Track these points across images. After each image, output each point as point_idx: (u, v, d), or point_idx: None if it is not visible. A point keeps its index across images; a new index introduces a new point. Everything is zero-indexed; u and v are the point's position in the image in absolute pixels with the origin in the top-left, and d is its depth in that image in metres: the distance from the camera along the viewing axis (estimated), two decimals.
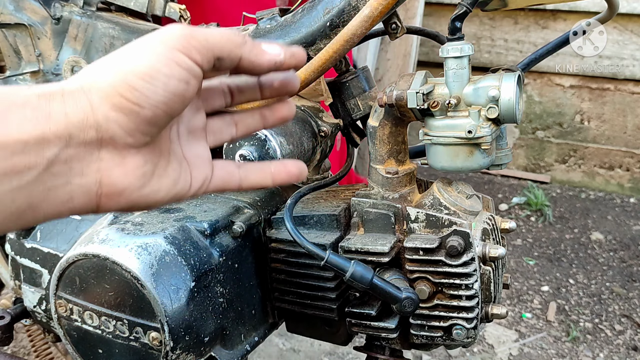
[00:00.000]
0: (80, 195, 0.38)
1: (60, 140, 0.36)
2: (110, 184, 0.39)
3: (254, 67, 0.44)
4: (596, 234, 2.75)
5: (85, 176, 0.38)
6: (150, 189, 0.41)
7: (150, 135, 0.39)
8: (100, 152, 0.38)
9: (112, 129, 0.37)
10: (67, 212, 0.39)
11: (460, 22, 0.62)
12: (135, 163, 0.40)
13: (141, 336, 0.64)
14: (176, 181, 0.43)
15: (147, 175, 0.41)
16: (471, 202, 0.67)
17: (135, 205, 0.41)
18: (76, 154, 0.37)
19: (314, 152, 0.76)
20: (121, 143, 0.38)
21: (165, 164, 0.43)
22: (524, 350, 1.96)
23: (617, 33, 3.02)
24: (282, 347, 1.89)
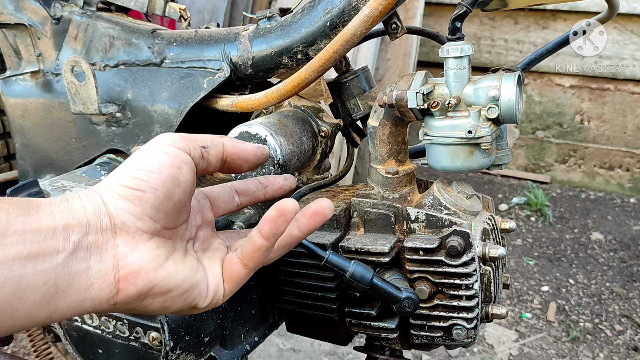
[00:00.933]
0: (99, 280, 0.42)
1: (82, 227, 0.41)
2: (126, 266, 0.43)
3: (241, 154, 0.50)
4: (596, 234, 2.75)
5: (103, 262, 0.42)
6: (166, 271, 0.45)
7: (158, 222, 0.44)
8: (116, 239, 0.43)
9: (121, 215, 0.43)
10: (88, 301, 0.42)
11: (460, 22, 0.62)
12: (149, 246, 0.44)
13: (141, 336, 0.64)
14: (194, 271, 0.47)
15: (162, 257, 0.45)
16: (471, 202, 0.67)
17: (153, 288, 0.44)
18: (95, 241, 0.42)
19: (314, 152, 0.76)
20: (133, 228, 0.43)
21: (181, 257, 0.47)
22: (524, 350, 1.96)
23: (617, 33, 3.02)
24: (282, 347, 1.89)
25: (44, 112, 0.86)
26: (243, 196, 0.57)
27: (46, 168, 0.89)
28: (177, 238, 0.48)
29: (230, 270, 0.49)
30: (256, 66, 0.72)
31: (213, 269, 0.49)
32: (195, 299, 0.47)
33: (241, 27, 0.77)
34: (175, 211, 0.46)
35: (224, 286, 0.49)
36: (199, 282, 0.47)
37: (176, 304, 0.46)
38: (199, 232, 0.52)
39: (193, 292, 0.46)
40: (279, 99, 0.67)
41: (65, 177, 0.79)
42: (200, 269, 0.48)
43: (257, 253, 0.47)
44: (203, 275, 0.48)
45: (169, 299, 0.45)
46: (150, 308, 0.46)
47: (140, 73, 0.78)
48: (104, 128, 0.81)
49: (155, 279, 0.44)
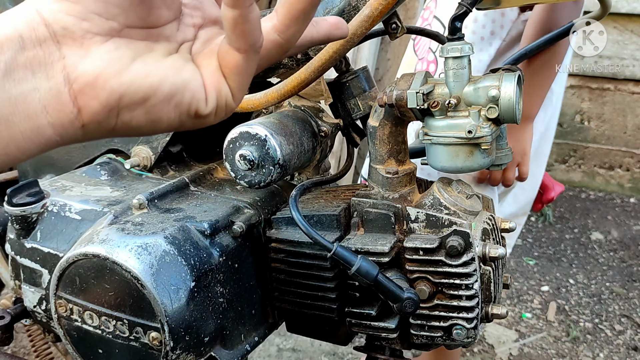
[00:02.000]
0: (52, 100, 0.34)
1: (12, 42, 0.34)
2: (79, 76, 0.35)
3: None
4: (596, 234, 2.75)
5: (51, 78, 0.35)
6: (134, 73, 0.36)
7: (114, 19, 0.35)
8: (61, 50, 0.35)
9: (60, 19, 0.35)
10: (47, 127, 0.35)
11: (460, 22, 0.62)
12: (105, 48, 0.35)
13: (141, 336, 0.64)
14: (177, 69, 0.37)
15: (124, 59, 0.36)
16: (471, 202, 0.67)
17: (123, 97, 0.35)
18: (35, 56, 0.34)
19: (314, 152, 0.76)
20: (78, 32, 0.35)
21: (158, 56, 0.37)
22: (524, 350, 1.96)
23: (617, 33, 3.02)
24: (282, 347, 1.89)
25: None
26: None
27: (46, 168, 0.89)
28: (157, 39, 0.38)
29: (226, 60, 0.38)
30: None
31: (209, 64, 0.39)
32: (192, 104, 0.38)
33: None
34: (137, 3, 0.36)
35: (227, 83, 0.39)
36: (187, 82, 0.37)
37: (167, 114, 0.37)
38: (199, 33, 0.41)
39: (183, 95, 0.37)
40: (279, 99, 0.67)
41: (65, 177, 0.79)
42: (188, 66, 0.38)
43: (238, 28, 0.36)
44: (193, 74, 0.38)
45: (152, 108, 0.36)
46: (135, 124, 0.37)
47: None
48: None
49: (120, 85, 0.35)
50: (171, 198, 0.75)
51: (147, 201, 0.71)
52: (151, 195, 0.72)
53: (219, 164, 0.85)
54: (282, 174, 0.69)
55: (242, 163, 0.68)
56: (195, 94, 0.37)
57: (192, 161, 0.89)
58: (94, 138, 0.38)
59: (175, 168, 0.86)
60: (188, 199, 0.76)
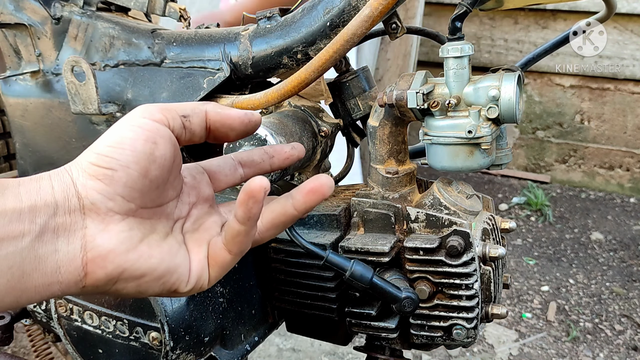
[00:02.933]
0: (66, 263, 0.40)
1: (49, 208, 0.40)
2: (94, 248, 0.41)
3: (225, 121, 0.47)
4: (596, 234, 2.75)
5: (70, 244, 0.40)
6: (138, 254, 0.42)
7: (132, 202, 0.42)
8: (85, 221, 0.41)
9: (91, 195, 0.41)
10: (56, 285, 0.40)
11: (460, 22, 0.62)
12: (119, 228, 0.42)
13: (141, 336, 0.64)
14: (173, 254, 0.44)
15: (134, 240, 0.42)
16: (471, 202, 0.67)
17: (124, 272, 0.42)
18: (63, 223, 0.40)
19: (314, 152, 0.76)
20: (103, 209, 0.41)
21: (159, 239, 0.44)
22: (524, 350, 1.96)
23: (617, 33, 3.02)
24: (282, 347, 1.89)
25: (44, 112, 0.86)
26: (247, 168, 0.53)
27: (46, 168, 0.88)
28: (160, 217, 0.45)
29: (215, 255, 0.46)
30: (256, 66, 0.72)
31: (198, 252, 0.46)
32: (175, 284, 0.44)
33: (241, 27, 0.77)
34: (154, 189, 0.43)
35: (209, 271, 0.46)
36: (178, 266, 0.44)
37: (152, 289, 0.44)
38: (192, 211, 0.49)
39: (171, 276, 0.44)
40: (279, 99, 0.67)
41: None
42: (182, 252, 0.45)
43: (237, 238, 0.45)
44: (184, 259, 0.45)
45: (144, 284, 0.43)
46: (124, 292, 0.43)
47: (140, 73, 0.78)
48: (104, 128, 0.81)
49: (125, 262, 0.41)
50: None
51: None
52: None
53: None
54: (282, 174, 0.69)
55: None
56: (180, 276, 0.45)
57: (192, 161, 0.89)
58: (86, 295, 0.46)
59: None
60: None
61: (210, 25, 0.84)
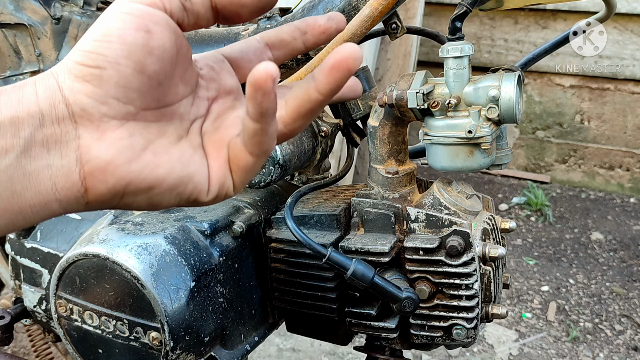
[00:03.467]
0: (62, 179, 0.35)
1: (33, 118, 0.35)
2: (90, 160, 0.36)
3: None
4: (596, 234, 2.75)
5: (64, 157, 0.35)
6: (143, 164, 0.37)
7: (131, 103, 0.36)
8: (78, 130, 0.36)
9: (79, 100, 0.35)
10: (54, 203, 0.36)
11: (460, 22, 0.62)
12: (118, 135, 0.36)
13: (141, 336, 0.64)
14: (185, 161, 0.38)
15: (136, 148, 0.37)
16: (471, 202, 0.67)
17: (129, 184, 0.37)
18: (52, 134, 0.35)
19: (314, 152, 0.76)
20: (96, 114, 0.36)
21: (169, 143, 0.38)
22: (524, 350, 1.96)
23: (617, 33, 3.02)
24: (282, 346, 1.89)
25: None
26: (276, 49, 0.44)
27: None
28: (171, 119, 0.39)
29: (236, 158, 0.40)
30: None
31: (218, 156, 0.40)
32: (193, 194, 0.39)
33: (241, 27, 0.77)
34: (155, 86, 0.37)
35: (232, 177, 0.40)
36: (193, 174, 0.39)
37: (167, 200, 0.39)
38: (212, 107, 0.42)
39: (185, 187, 0.38)
40: None
41: None
42: (197, 157, 0.39)
43: (255, 138, 0.38)
44: (200, 166, 0.39)
45: (155, 196, 0.38)
46: (135, 205, 0.38)
47: None
48: None
49: (128, 174, 0.36)
50: None
51: None
52: None
53: None
54: (282, 174, 0.69)
55: None
56: (197, 185, 0.39)
57: None
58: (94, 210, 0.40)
59: None
60: None
61: None
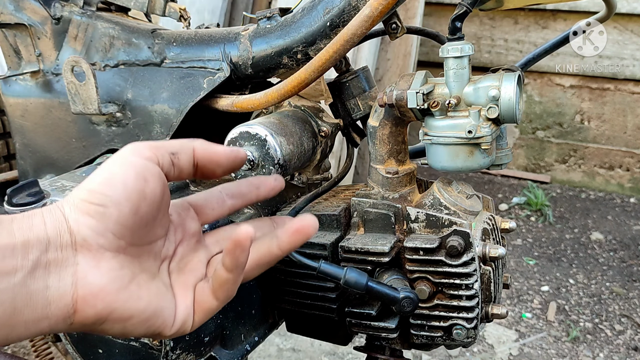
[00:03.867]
0: (57, 299, 0.40)
1: (41, 243, 0.40)
2: (85, 285, 0.41)
3: (212, 157, 0.47)
4: (596, 234, 2.75)
5: (62, 280, 0.40)
6: (128, 295, 0.42)
7: (123, 239, 0.42)
8: (77, 257, 0.41)
9: (82, 231, 0.41)
10: (44, 321, 0.40)
11: (460, 22, 0.62)
12: (111, 266, 0.42)
13: None
14: (160, 297, 0.45)
15: (125, 279, 0.42)
16: (471, 202, 0.67)
17: (113, 312, 0.42)
18: (54, 259, 0.40)
19: (314, 152, 0.76)
20: (94, 245, 0.41)
21: (148, 279, 0.44)
22: (524, 350, 1.96)
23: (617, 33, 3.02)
24: (282, 347, 1.89)
25: (44, 112, 0.86)
26: (235, 199, 0.53)
27: (46, 168, 0.89)
28: (148, 256, 0.45)
29: (202, 301, 0.47)
30: (256, 66, 0.72)
31: (185, 297, 0.47)
32: (159, 327, 0.45)
33: (241, 27, 0.77)
34: (143, 226, 0.43)
35: (193, 317, 0.47)
36: (164, 309, 0.45)
37: (137, 330, 0.44)
38: (178, 249, 0.49)
39: (157, 320, 0.44)
40: (279, 99, 0.67)
41: (65, 177, 0.79)
42: (168, 295, 0.46)
43: (225, 286, 0.45)
44: (170, 303, 0.45)
45: (130, 326, 0.43)
46: (110, 332, 0.43)
47: (140, 73, 0.78)
48: (104, 128, 0.81)
49: (115, 302, 0.42)
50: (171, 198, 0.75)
51: None
52: None
53: None
54: (282, 174, 0.69)
55: None
56: (165, 320, 0.45)
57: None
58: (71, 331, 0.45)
59: None
60: None
61: (210, 25, 0.84)
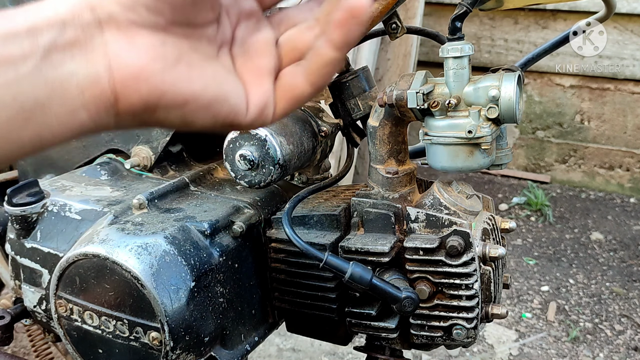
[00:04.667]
0: (90, 85, 0.33)
1: (53, 27, 0.33)
2: (122, 66, 0.34)
3: None
4: (596, 234, 2.75)
5: (91, 64, 0.33)
6: (177, 75, 0.35)
7: (161, 15, 0.34)
8: (104, 35, 0.34)
9: (107, 6, 0.33)
10: (82, 111, 0.34)
11: (460, 22, 0.62)
12: (149, 42, 0.34)
13: (141, 336, 0.64)
14: (220, 80, 0.37)
15: (169, 57, 0.35)
16: (471, 202, 0.67)
17: (163, 96, 0.35)
18: (75, 39, 0.33)
19: (314, 152, 0.76)
20: (124, 21, 0.34)
21: (201, 60, 0.37)
22: (524, 350, 1.96)
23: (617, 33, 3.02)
24: (282, 346, 1.89)
25: None
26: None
27: (46, 168, 0.89)
28: (200, 39, 0.37)
29: (291, 85, 0.39)
30: None
31: (259, 83, 0.39)
32: (229, 115, 0.37)
33: None
34: (189, 2, 0.35)
35: (275, 102, 0.39)
36: (229, 94, 0.37)
37: (202, 118, 0.37)
38: (236, 32, 0.40)
39: (221, 106, 0.37)
40: None
41: (65, 177, 0.79)
42: (231, 79, 0.38)
43: (326, 68, 0.37)
44: (236, 87, 0.38)
45: (189, 112, 0.36)
46: (168, 122, 0.37)
47: None
48: None
49: (162, 84, 0.35)
50: (171, 198, 0.75)
51: (147, 201, 0.71)
52: (151, 195, 0.72)
53: (219, 164, 0.85)
54: (282, 174, 0.69)
55: (242, 163, 0.68)
56: (234, 107, 0.37)
57: (192, 161, 0.89)
58: (125, 128, 0.38)
59: (175, 168, 0.86)
60: (188, 199, 0.76)
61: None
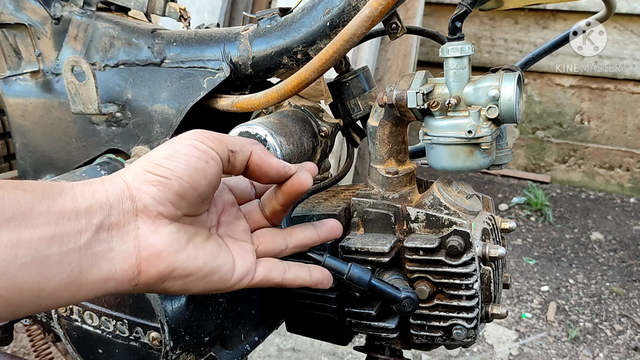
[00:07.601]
0: (121, 261, 0.43)
1: (104, 209, 0.43)
2: (148, 247, 0.44)
3: (264, 167, 0.51)
4: (596, 234, 2.75)
5: (125, 243, 0.44)
6: (186, 255, 0.46)
7: (180, 209, 0.46)
8: (137, 222, 0.44)
9: (144, 199, 0.44)
10: (111, 281, 0.43)
11: (460, 22, 0.62)
12: (169, 230, 0.45)
13: (141, 336, 0.64)
14: (215, 256, 0.49)
15: (182, 241, 0.46)
16: (471, 202, 0.67)
17: (174, 270, 0.45)
18: (117, 223, 0.43)
19: (314, 152, 0.76)
20: (154, 212, 0.45)
21: (202, 241, 0.49)
22: (524, 350, 1.96)
23: (617, 33, 3.02)
24: (282, 346, 1.89)
25: (44, 112, 0.86)
26: (259, 189, 0.58)
27: (46, 168, 0.89)
28: (197, 225, 0.49)
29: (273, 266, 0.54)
30: (256, 66, 0.72)
31: (246, 259, 0.51)
32: (218, 282, 0.49)
33: (241, 27, 0.77)
34: (199, 202, 0.47)
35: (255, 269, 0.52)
36: (221, 267, 0.49)
37: (197, 286, 0.48)
38: (221, 218, 0.54)
39: (214, 276, 0.48)
40: (279, 99, 0.67)
41: (65, 177, 0.79)
42: (223, 253, 0.50)
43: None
44: (227, 260, 0.49)
45: (189, 282, 0.47)
46: (172, 290, 0.47)
47: (140, 73, 0.78)
48: (104, 128, 0.81)
49: (175, 261, 0.45)
50: None
51: None
52: None
53: None
54: None
55: None
56: (223, 276, 0.49)
57: None
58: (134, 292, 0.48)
59: None
60: None
61: (210, 25, 0.84)
